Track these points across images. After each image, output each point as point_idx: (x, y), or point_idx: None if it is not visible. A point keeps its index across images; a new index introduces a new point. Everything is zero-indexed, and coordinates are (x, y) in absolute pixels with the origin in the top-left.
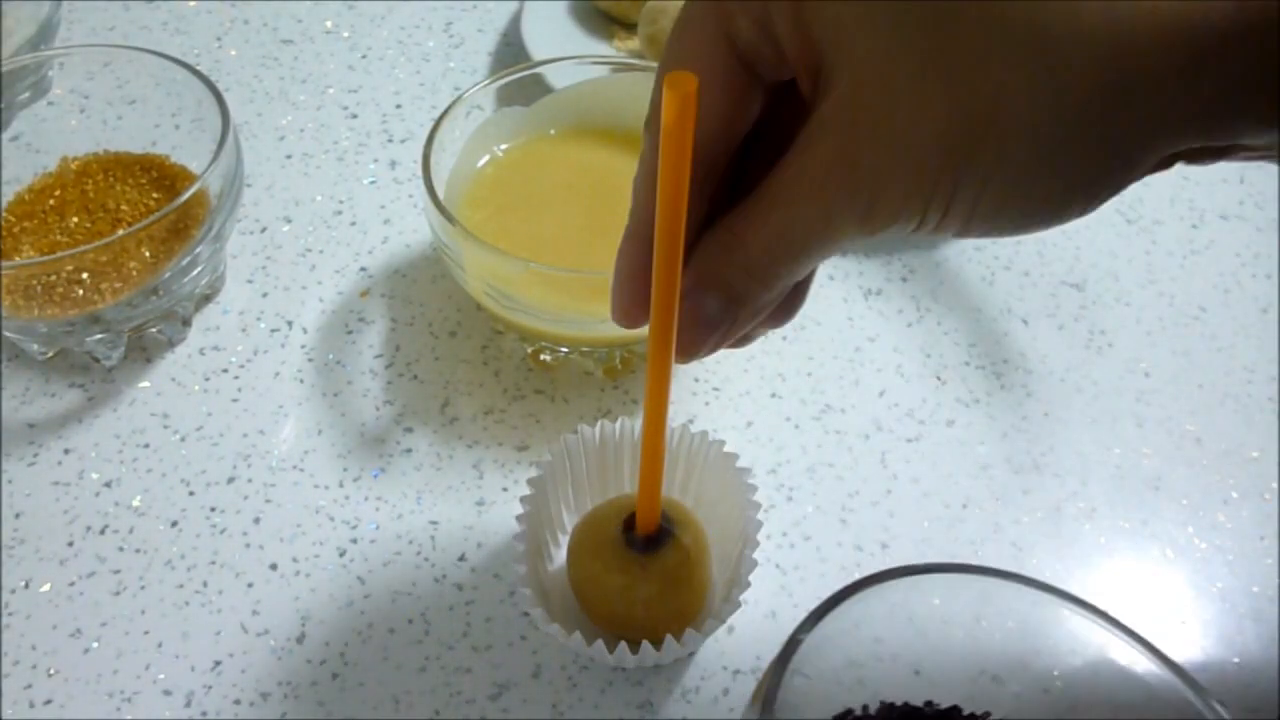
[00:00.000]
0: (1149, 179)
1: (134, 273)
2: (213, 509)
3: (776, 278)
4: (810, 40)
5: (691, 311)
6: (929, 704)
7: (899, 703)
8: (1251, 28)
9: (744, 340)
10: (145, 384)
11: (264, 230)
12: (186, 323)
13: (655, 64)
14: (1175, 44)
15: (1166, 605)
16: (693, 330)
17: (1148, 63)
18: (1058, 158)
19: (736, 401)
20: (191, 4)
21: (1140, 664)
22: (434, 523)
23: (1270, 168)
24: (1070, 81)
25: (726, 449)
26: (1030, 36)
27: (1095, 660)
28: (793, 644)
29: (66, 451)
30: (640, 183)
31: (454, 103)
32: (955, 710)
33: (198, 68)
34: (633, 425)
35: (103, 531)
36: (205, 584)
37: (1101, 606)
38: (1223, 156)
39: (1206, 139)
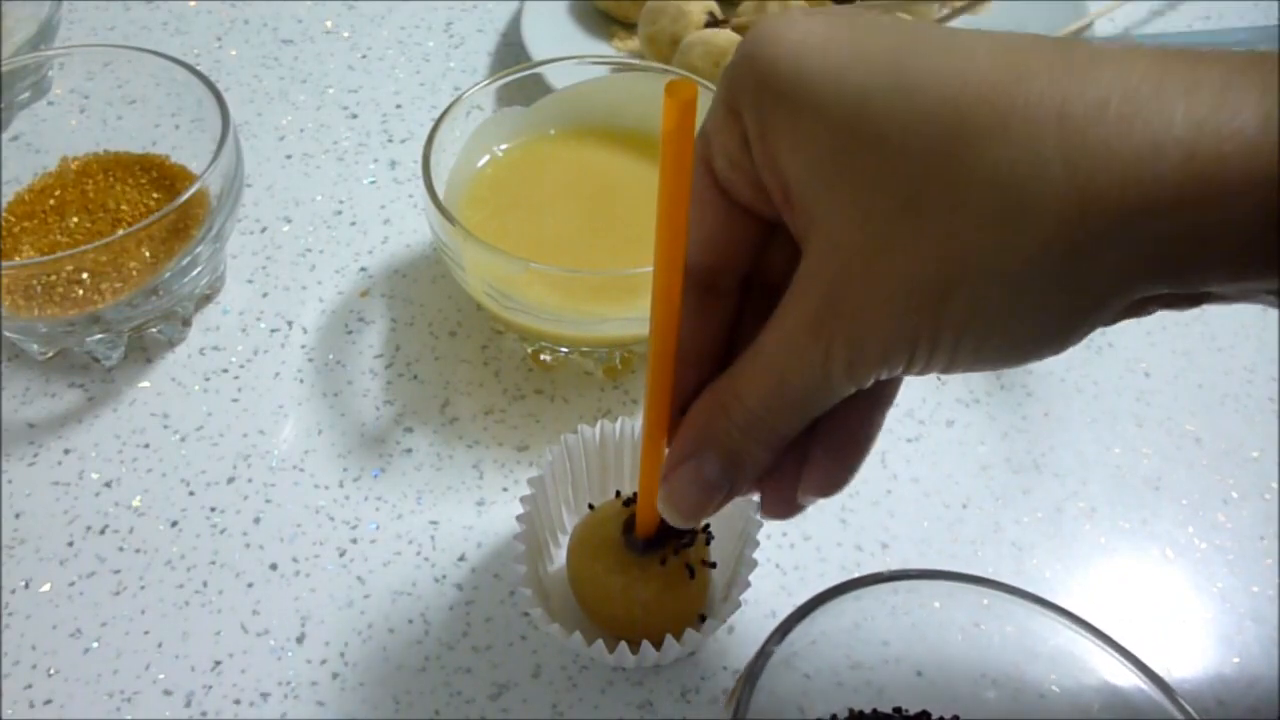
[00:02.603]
0: None
1: (134, 273)
2: (213, 509)
3: (773, 434)
4: (788, 185)
5: (693, 474)
6: (898, 710)
7: (867, 710)
8: (1203, 180)
9: (794, 510)
10: (145, 384)
11: (264, 230)
12: (186, 323)
13: (655, 64)
14: (1132, 197)
15: (1167, 605)
16: (695, 494)
17: (1109, 214)
18: (1030, 306)
19: None
20: (191, 4)
21: (1123, 678)
22: (434, 523)
23: None
24: (1037, 238)
25: None
26: (996, 198)
27: (1076, 673)
28: (763, 656)
29: (66, 451)
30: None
31: (454, 103)
32: (924, 715)
33: (198, 68)
34: (633, 425)
35: (103, 531)
36: (205, 584)
37: (1104, 607)
38: (1200, 303)
39: (1176, 285)
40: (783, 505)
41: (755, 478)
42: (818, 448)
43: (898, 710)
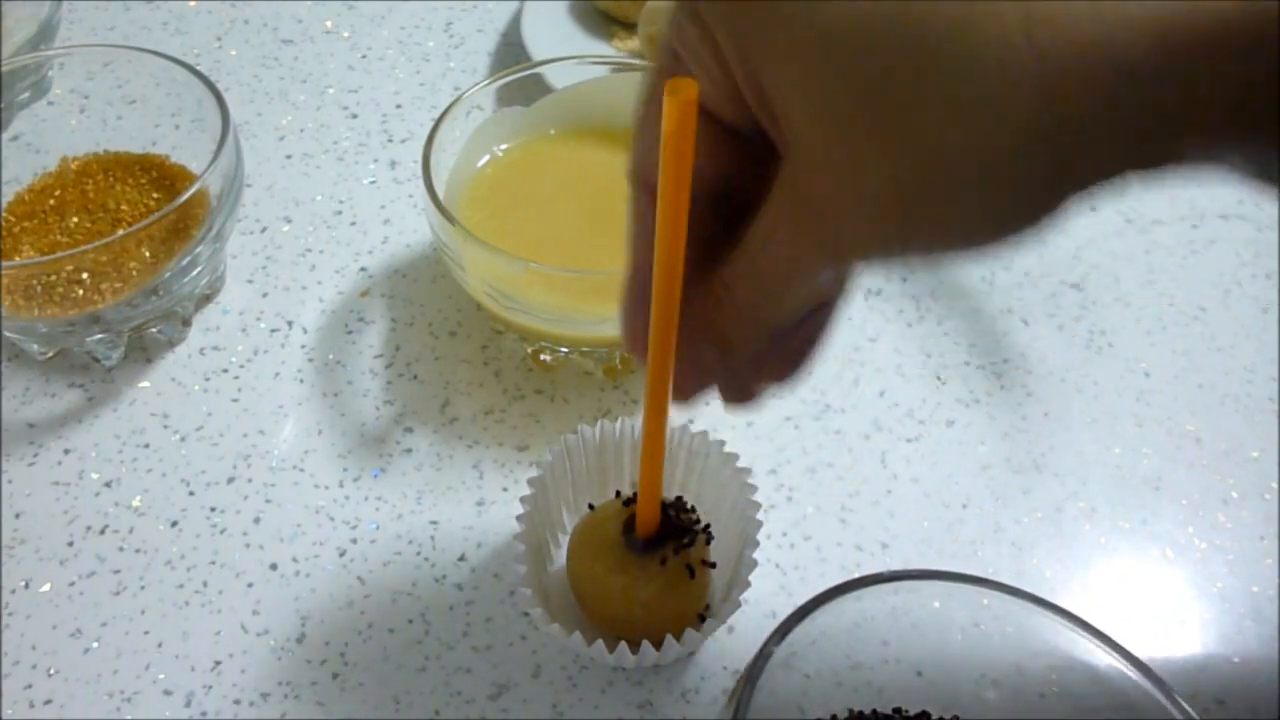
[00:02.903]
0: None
1: (134, 273)
2: (213, 509)
3: (762, 324)
4: (766, 96)
5: (690, 361)
6: (898, 710)
7: (867, 710)
8: (1173, 52)
9: (752, 398)
10: (145, 384)
11: (264, 230)
12: (186, 323)
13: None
14: (1101, 74)
15: (1167, 605)
16: (692, 378)
17: (1079, 94)
18: (1004, 191)
19: None
20: (191, 4)
21: (1123, 678)
22: (434, 523)
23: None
24: (1008, 125)
25: (726, 449)
26: (965, 90)
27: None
28: (763, 657)
29: (66, 451)
30: (633, 232)
31: (454, 103)
32: (924, 715)
33: (198, 68)
34: (633, 425)
35: (103, 531)
36: (205, 584)
37: (1104, 607)
38: (1167, 163)
39: (1148, 158)
40: (740, 392)
41: (748, 360)
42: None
43: (898, 711)
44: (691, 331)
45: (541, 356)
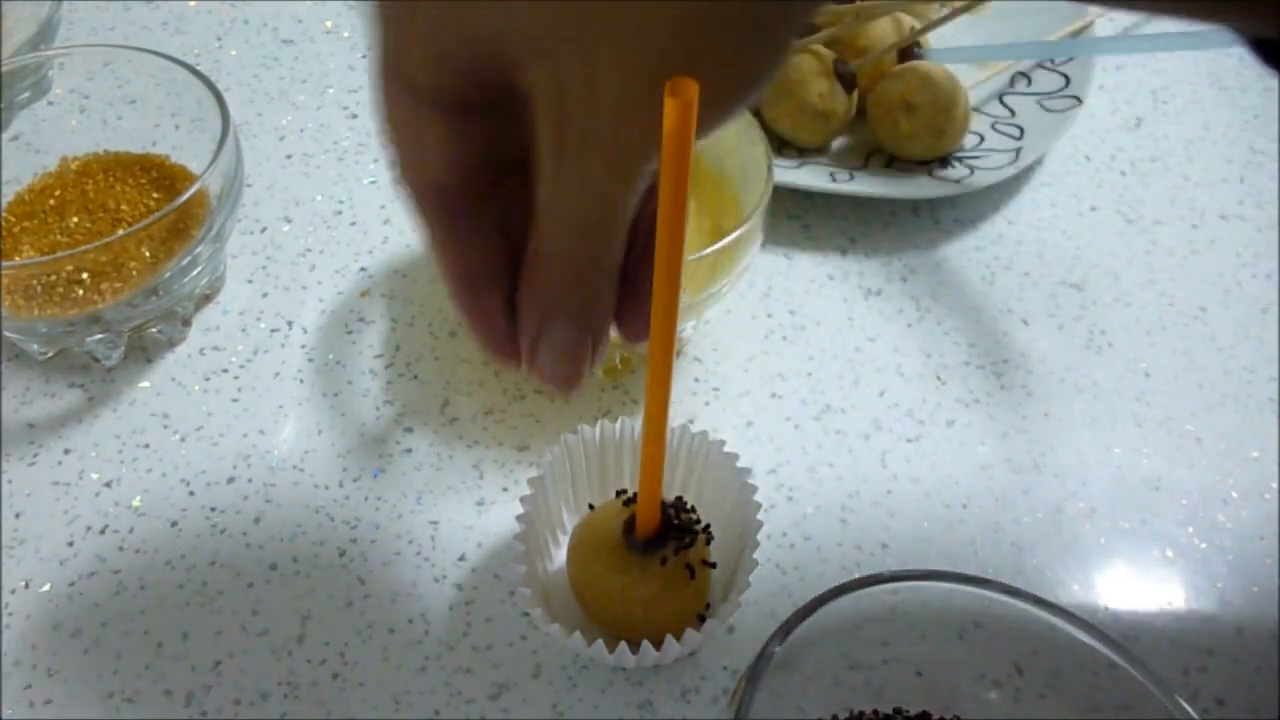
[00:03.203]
0: (1150, 181)
1: (134, 273)
2: (213, 509)
3: (597, 268)
4: (500, 56)
5: (551, 346)
6: (898, 710)
7: (867, 710)
8: None
9: (640, 337)
10: (145, 384)
11: (264, 230)
12: (186, 323)
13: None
14: None
15: (1166, 605)
16: (565, 363)
17: None
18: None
19: (736, 401)
20: (191, 4)
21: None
22: (434, 523)
23: (1270, 167)
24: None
25: (726, 449)
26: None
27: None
28: (764, 658)
29: (66, 451)
30: (439, 234)
31: None
32: (924, 715)
33: (198, 68)
34: (633, 425)
35: (103, 531)
36: (205, 584)
37: (1104, 607)
38: None
39: None
40: (643, 322)
41: (609, 315)
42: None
43: (898, 711)
44: (539, 320)
45: None
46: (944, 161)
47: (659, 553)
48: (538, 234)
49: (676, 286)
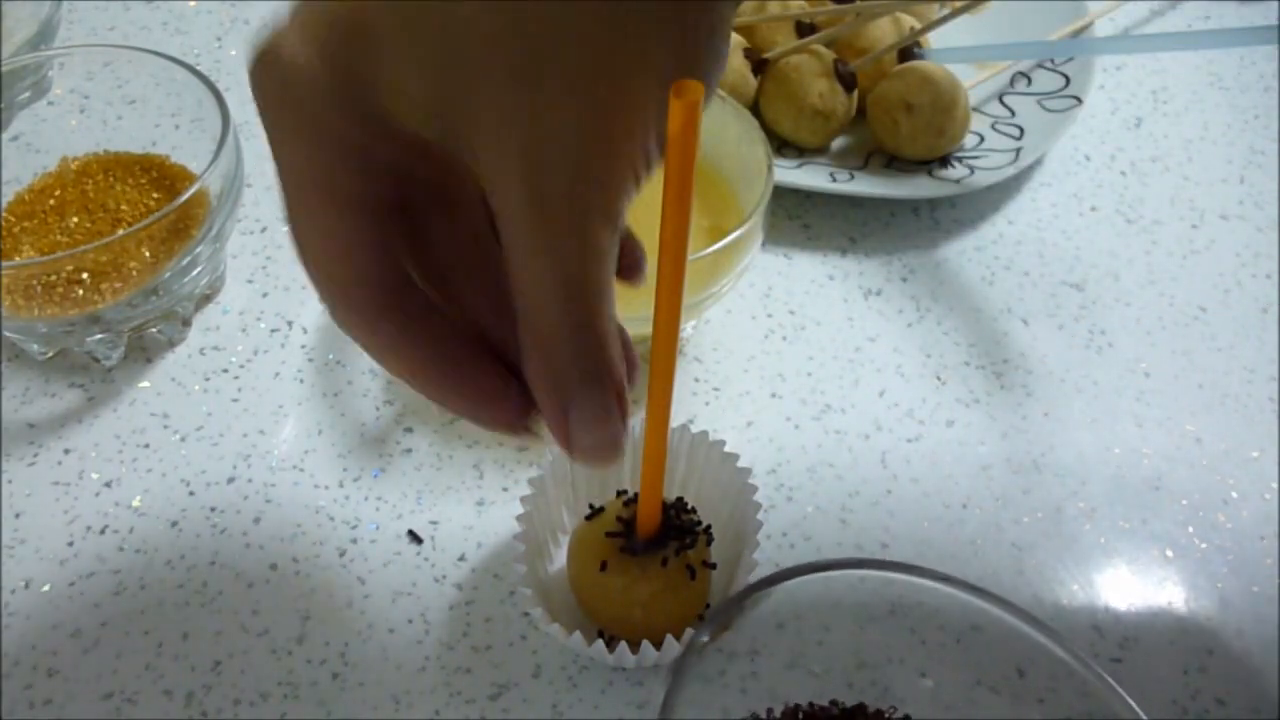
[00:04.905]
0: (1150, 181)
1: (134, 273)
2: (213, 509)
3: (601, 328)
4: (447, 135)
5: (583, 422)
6: (834, 703)
7: (804, 704)
8: None
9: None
10: (145, 384)
11: (264, 230)
12: (186, 323)
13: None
14: None
15: (1166, 605)
16: (600, 432)
17: None
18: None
19: (736, 401)
20: (191, 4)
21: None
22: (434, 523)
23: (1270, 167)
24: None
25: (726, 449)
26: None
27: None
28: (693, 649)
29: (66, 451)
30: (404, 349)
31: None
32: (860, 708)
33: (198, 68)
34: (633, 425)
35: (103, 531)
36: (205, 584)
37: (1104, 607)
38: None
39: None
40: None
41: (623, 371)
42: None
43: (834, 703)
44: (559, 399)
45: None
46: (944, 161)
47: (659, 553)
48: (525, 314)
49: (679, 287)
